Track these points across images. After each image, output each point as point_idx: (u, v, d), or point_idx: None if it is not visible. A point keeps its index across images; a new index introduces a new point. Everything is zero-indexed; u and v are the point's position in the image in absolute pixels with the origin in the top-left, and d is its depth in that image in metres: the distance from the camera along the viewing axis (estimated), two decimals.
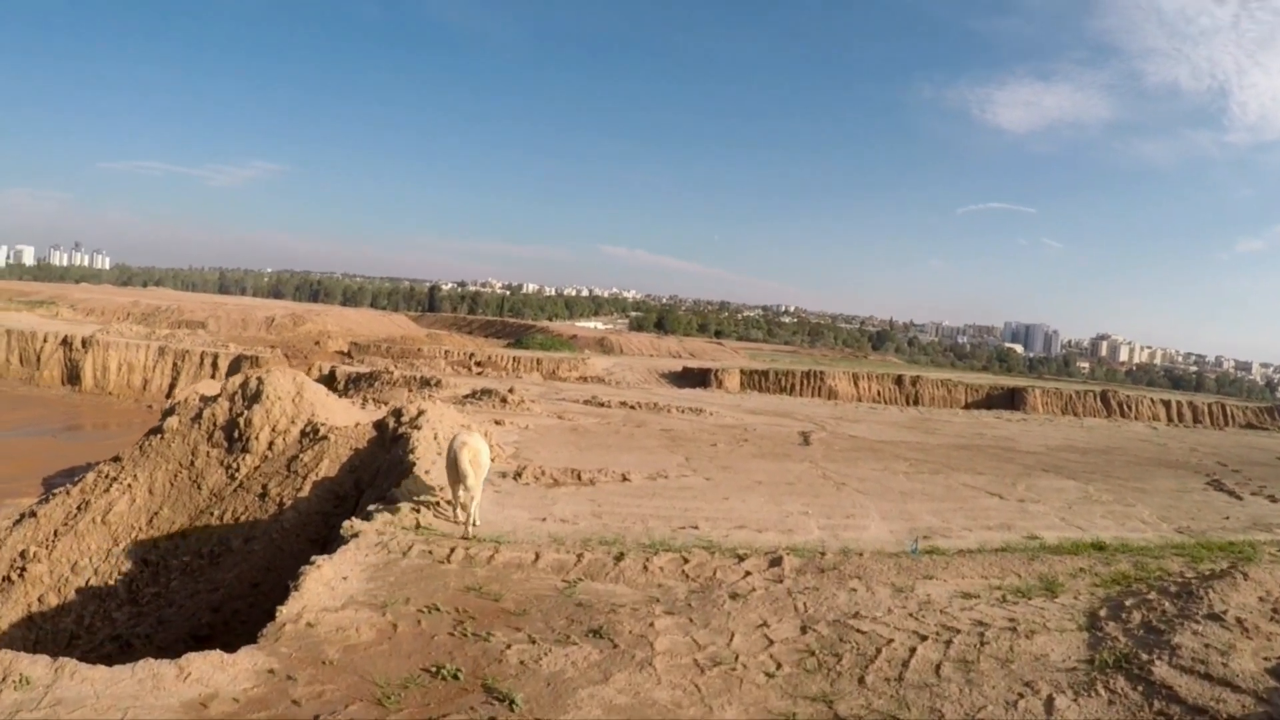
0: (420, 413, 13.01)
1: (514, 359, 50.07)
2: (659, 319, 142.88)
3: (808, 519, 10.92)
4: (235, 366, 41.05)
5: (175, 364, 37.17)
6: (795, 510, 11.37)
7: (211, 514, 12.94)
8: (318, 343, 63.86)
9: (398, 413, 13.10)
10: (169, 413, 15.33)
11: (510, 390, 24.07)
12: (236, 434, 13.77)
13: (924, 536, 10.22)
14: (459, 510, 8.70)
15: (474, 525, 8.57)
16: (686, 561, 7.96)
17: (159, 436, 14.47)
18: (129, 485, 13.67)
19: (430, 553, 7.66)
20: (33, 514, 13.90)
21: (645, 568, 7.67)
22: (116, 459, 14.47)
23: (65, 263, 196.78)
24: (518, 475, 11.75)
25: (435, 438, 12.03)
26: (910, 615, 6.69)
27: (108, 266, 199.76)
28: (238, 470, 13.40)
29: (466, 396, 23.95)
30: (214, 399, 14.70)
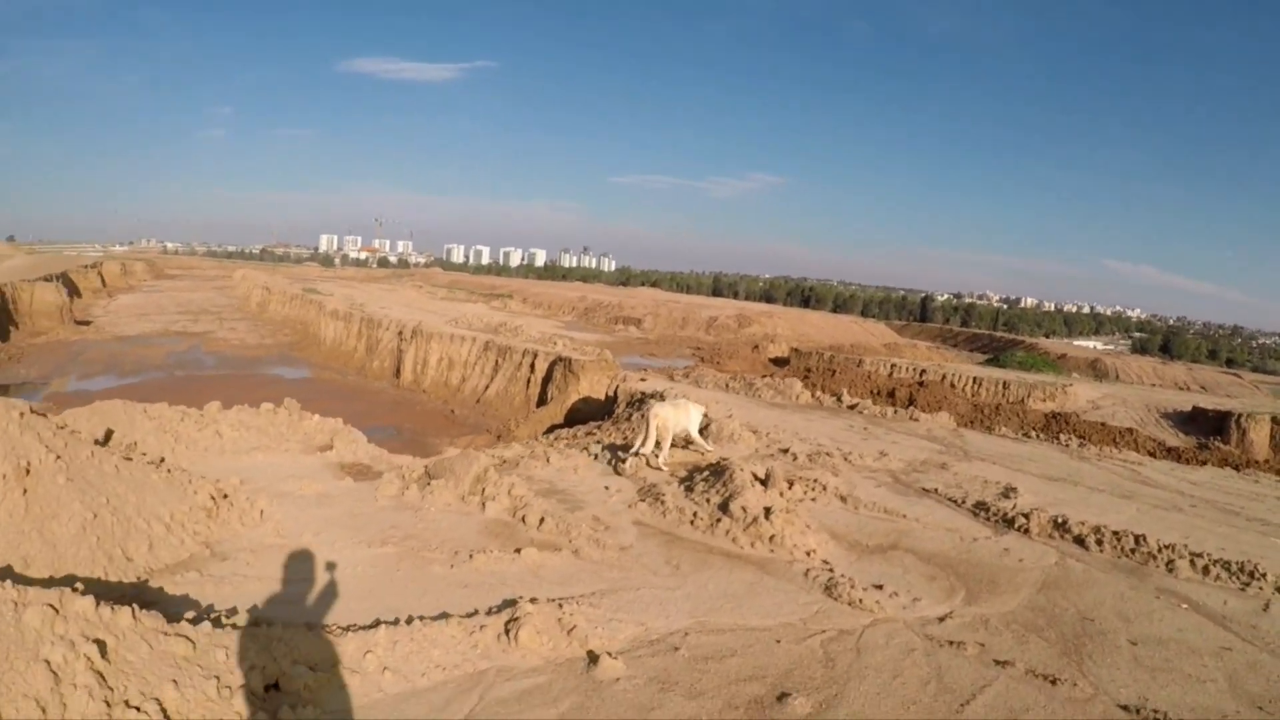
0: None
1: (974, 379, 41.57)
2: (1164, 342, 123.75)
3: None
4: (549, 373, 40.37)
5: (497, 362, 38.10)
6: None
7: None
8: (756, 346, 63.33)
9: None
10: None
11: (815, 481, 12.43)
12: None
13: None
14: (652, 457, 11.73)
15: (665, 465, 11.68)
16: None
17: None
18: None
19: None
20: None
21: None
22: None
23: (572, 264, 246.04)
24: None
25: None
26: None
27: (612, 268, 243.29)
28: None
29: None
30: None
